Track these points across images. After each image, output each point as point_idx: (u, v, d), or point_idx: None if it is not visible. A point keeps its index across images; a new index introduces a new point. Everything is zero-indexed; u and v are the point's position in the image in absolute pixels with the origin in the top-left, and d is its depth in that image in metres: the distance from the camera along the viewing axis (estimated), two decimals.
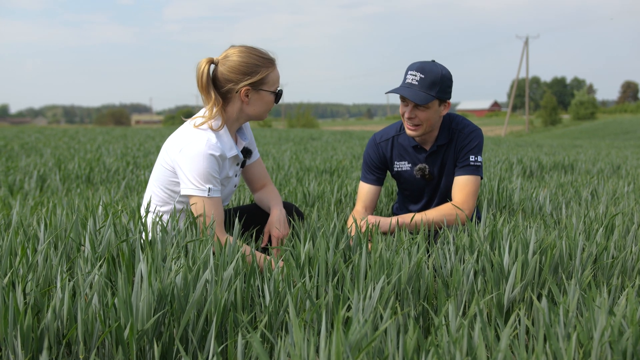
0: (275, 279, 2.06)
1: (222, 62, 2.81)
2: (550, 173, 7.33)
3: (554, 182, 5.50)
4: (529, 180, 6.41)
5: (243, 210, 3.20)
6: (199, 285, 1.88)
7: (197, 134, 2.76)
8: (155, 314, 1.88)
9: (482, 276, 2.41)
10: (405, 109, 3.27)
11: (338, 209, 3.96)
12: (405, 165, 3.49)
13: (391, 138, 3.50)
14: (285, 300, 2.02)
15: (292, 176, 6.05)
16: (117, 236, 2.53)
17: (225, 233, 2.77)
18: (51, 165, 6.42)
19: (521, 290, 2.39)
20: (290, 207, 3.21)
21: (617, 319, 1.69)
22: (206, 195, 2.72)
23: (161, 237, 2.45)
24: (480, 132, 3.41)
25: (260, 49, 2.86)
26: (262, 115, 2.91)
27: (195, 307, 1.89)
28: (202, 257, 2.14)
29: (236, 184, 3.07)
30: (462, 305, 2.27)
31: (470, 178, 3.32)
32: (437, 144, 3.39)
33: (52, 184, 5.33)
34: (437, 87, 3.19)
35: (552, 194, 4.61)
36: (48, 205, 3.49)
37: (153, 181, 2.93)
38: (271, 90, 2.85)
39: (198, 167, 2.71)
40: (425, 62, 3.25)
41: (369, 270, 2.16)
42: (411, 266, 2.25)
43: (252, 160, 3.16)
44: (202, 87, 2.81)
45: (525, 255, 2.45)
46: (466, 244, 2.66)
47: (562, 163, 7.92)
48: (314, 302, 2.02)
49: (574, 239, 2.65)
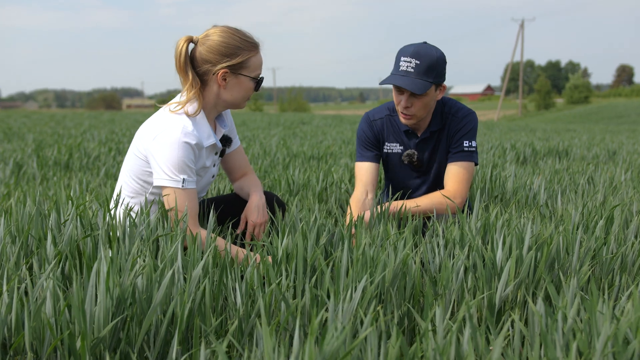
0: (247, 279, 1.88)
1: (202, 42, 2.62)
2: (545, 159, 7.17)
3: (548, 169, 5.33)
4: (522, 166, 6.25)
5: (220, 201, 3.02)
6: (161, 288, 1.70)
7: (172, 121, 2.57)
8: (114, 319, 1.71)
9: (472, 273, 2.25)
10: (400, 98, 3.07)
11: (323, 199, 3.78)
12: (397, 147, 3.30)
13: (385, 117, 3.29)
14: (257, 303, 1.85)
15: (279, 163, 5.87)
16: (84, 230, 2.35)
17: (199, 227, 2.59)
18: (30, 151, 6.20)
19: (514, 288, 2.23)
20: (271, 197, 3.03)
21: (622, 328, 1.53)
22: (180, 187, 2.54)
23: (129, 232, 2.27)
24: (475, 116, 3.23)
25: (245, 31, 2.67)
26: (240, 102, 2.71)
27: (157, 311, 1.71)
28: (169, 255, 1.96)
29: (214, 174, 2.88)
30: (450, 305, 2.11)
31: (463, 164, 3.14)
32: (429, 130, 3.20)
33: (28, 170, 5.12)
34: (434, 72, 2.98)
35: (547, 182, 4.45)
36: (15, 195, 3.29)
37: (125, 171, 2.74)
38: (251, 76, 2.66)
39: (172, 156, 2.52)
40: (418, 46, 3.02)
41: (351, 269, 1.98)
42: (397, 264, 2.08)
43: (232, 149, 2.97)
44: (179, 67, 2.62)
45: (520, 250, 2.28)
46: (456, 238, 2.49)
47: (556, 149, 7.76)
48: (289, 305, 1.85)
49: (572, 233, 2.49)
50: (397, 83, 2.98)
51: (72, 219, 2.21)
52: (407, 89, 2.96)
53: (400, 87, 2.98)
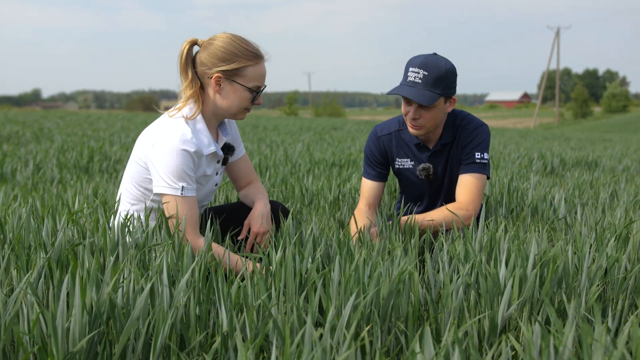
0: (232, 295, 1.83)
1: (205, 45, 2.62)
2: (572, 170, 7.01)
3: (573, 181, 5.19)
4: (548, 177, 6.11)
5: (224, 209, 2.97)
6: (138, 302, 1.65)
7: (171, 128, 2.54)
8: (91, 333, 1.66)
9: (475, 291, 2.16)
10: (408, 109, 3.00)
11: (334, 209, 3.71)
12: (408, 162, 3.24)
13: (393, 132, 3.24)
14: (241, 318, 1.79)
15: (299, 170, 5.82)
16: (79, 237, 2.32)
17: (200, 235, 2.54)
18: (52, 153, 6.23)
19: (519, 307, 2.15)
20: (277, 206, 2.97)
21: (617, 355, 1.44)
22: (179, 194, 2.50)
23: (121, 241, 2.23)
24: (486, 128, 3.14)
25: (250, 41, 2.64)
26: (236, 112, 2.66)
27: (139, 325, 1.66)
28: (156, 267, 1.91)
29: (217, 183, 2.83)
30: (448, 326, 2.03)
31: (475, 176, 3.06)
32: (441, 143, 3.13)
33: (47, 173, 5.14)
34: (443, 83, 2.92)
35: (569, 195, 4.32)
36: (19, 199, 3.28)
37: (126, 178, 2.72)
38: (247, 85, 2.61)
39: (171, 163, 2.49)
40: (427, 57, 2.97)
41: (339, 286, 1.91)
42: (392, 281, 2.01)
43: (236, 157, 2.93)
44: (180, 67, 2.63)
45: (524, 268, 2.19)
46: (461, 254, 2.41)
47: (585, 159, 7.58)
48: (277, 325, 1.78)
49: (581, 250, 2.39)
50: (404, 94, 2.92)
51: (62, 228, 2.17)
52: (414, 100, 2.90)
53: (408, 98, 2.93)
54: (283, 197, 3.98)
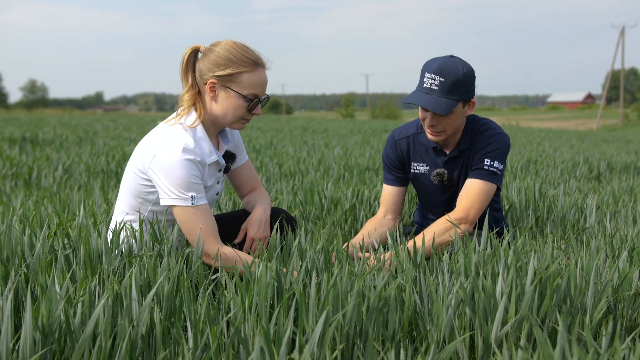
0: (202, 314, 1.75)
1: (205, 52, 2.57)
2: (619, 175, 6.73)
3: (610, 188, 4.96)
4: (590, 183, 5.87)
5: (227, 217, 2.90)
6: (91, 319, 1.59)
7: (171, 137, 2.48)
8: (44, 350, 1.61)
9: (470, 308, 2.04)
10: (425, 115, 2.90)
11: (349, 217, 3.60)
12: (423, 167, 3.13)
13: (411, 136, 3.13)
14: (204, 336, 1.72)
15: (331, 175, 5.73)
16: (60, 250, 2.27)
17: (222, 243, 2.47)
18: (86, 158, 6.26)
19: (516, 325, 2.02)
20: (280, 214, 2.89)
21: None
22: (190, 204, 2.43)
23: (105, 250, 2.18)
24: (504, 137, 2.99)
25: (251, 49, 2.56)
26: (231, 120, 2.58)
27: (87, 344, 1.60)
28: (125, 281, 1.85)
29: (219, 191, 2.77)
30: (439, 344, 1.92)
31: (479, 182, 2.90)
32: (458, 149, 3.01)
33: (75, 177, 5.16)
34: (460, 89, 2.80)
35: (605, 202, 4.12)
36: (26, 204, 3.29)
37: (123, 187, 2.65)
38: (242, 92, 2.52)
39: (177, 175, 2.41)
40: (444, 61, 2.84)
41: (315, 304, 1.81)
42: (374, 298, 1.90)
43: (238, 164, 2.86)
44: (181, 73, 2.61)
45: (522, 285, 2.06)
46: (459, 268, 2.29)
47: (634, 164, 7.27)
48: (246, 344, 1.71)
49: (587, 265, 2.24)
50: (419, 103, 2.82)
51: (43, 239, 2.13)
52: (432, 111, 2.79)
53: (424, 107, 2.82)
54: (302, 203, 3.89)
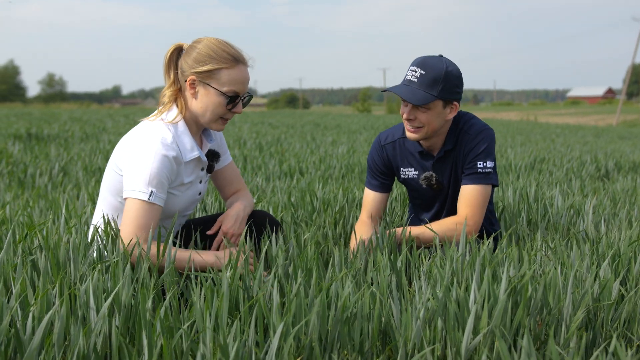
0: (157, 323, 1.72)
1: (187, 49, 2.57)
2: (626, 175, 6.62)
3: (612, 189, 4.87)
4: (595, 183, 5.78)
5: (209, 220, 2.88)
6: (39, 330, 1.57)
7: (151, 132, 2.46)
8: None
9: (442, 319, 1.99)
10: (404, 109, 2.87)
11: (339, 218, 3.56)
12: (412, 172, 3.08)
13: (397, 140, 3.09)
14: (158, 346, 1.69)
15: (333, 174, 5.69)
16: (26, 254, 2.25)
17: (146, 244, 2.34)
18: (84, 155, 6.24)
19: (488, 335, 1.96)
20: (264, 217, 2.85)
21: None
22: (145, 199, 2.36)
23: (72, 257, 2.16)
24: (490, 132, 2.95)
25: (232, 45, 2.55)
26: (210, 118, 2.55)
27: (35, 356, 1.58)
28: (83, 289, 1.82)
29: (201, 191, 2.73)
30: (406, 356, 1.88)
31: (477, 188, 2.88)
32: (444, 149, 2.97)
33: (71, 176, 5.14)
34: (439, 85, 2.78)
35: (603, 205, 4.04)
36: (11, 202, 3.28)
37: (104, 187, 2.63)
38: (221, 89, 2.50)
39: (146, 166, 2.37)
40: (428, 57, 2.85)
41: (276, 315, 1.78)
42: (338, 309, 1.86)
43: (221, 164, 2.83)
44: (163, 70, 2.61)
45: (494, 294, 2.01)
46: (436, 275, 2.24)
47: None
48: None
49: (566, 272, 2.19)
50: (396, 91, 2.82)
51: (9, 243, 2.11)
52: (405, 100, 2.77)
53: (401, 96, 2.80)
54: (293, 205, 3.85)
